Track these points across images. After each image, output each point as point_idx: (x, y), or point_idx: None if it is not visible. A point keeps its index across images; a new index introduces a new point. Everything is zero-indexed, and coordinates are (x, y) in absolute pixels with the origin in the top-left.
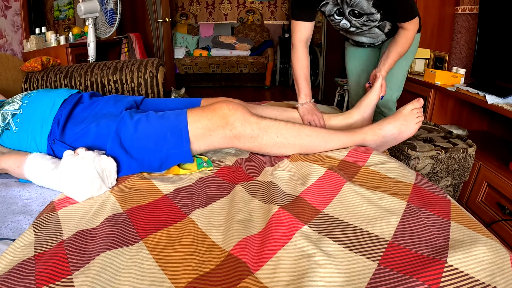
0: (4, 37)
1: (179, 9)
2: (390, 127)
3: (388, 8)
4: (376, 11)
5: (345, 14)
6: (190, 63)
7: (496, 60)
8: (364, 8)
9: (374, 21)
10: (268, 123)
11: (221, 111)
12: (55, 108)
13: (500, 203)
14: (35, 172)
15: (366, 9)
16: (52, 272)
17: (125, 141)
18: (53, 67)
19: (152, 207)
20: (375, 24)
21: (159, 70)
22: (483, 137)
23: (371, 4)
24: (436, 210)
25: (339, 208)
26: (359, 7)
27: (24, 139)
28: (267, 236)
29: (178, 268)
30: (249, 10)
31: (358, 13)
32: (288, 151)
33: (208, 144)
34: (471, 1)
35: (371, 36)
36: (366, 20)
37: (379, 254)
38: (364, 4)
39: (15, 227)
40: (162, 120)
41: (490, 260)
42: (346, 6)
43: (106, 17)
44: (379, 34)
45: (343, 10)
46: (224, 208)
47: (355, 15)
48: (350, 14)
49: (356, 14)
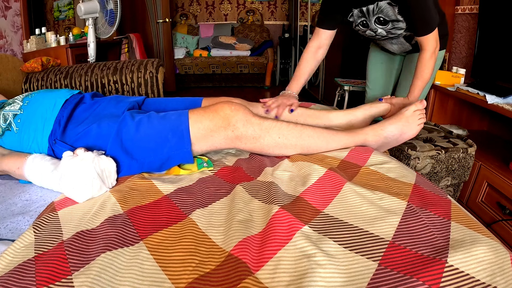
0: (4, 38)
1: (179, 10)
2: (391, 127)
3: (408, 18)
4: (402, 19)
5: (370, 26)
6: (190, 63)
7: (496, 60)
8: (389, 14)
9: (400, 29)
10: (270, 123)
11: (223, 112)
12: (56, 108)
13: (500, 203)
14: (35, 173)
15: (391, 15)
16: (52, 272)
17: (126, 141)
18: (53, 67)
19: (152, 207)
20: (401, 32)
21: (159, 71)
22: (483, 137)
23: (397, 11)
24: (437, 210)
25: (340, 208)
26: (384, 13)
27: (25, 139)
28: (267, 236)
29: (178, 268)
30: (249, 10)
31: (384, 20)
32: (289, 151)
33: (209, 145)
34: (471, 1)
35: (397, 45)
36: (391, 27)
37: (380, 254)
38: (390, 10)
39: (14, 228)
40: (163, 121)
41: (491, 260)
42: (372, 15)
43: (106, 17)
44: (405, 44)
45: (367, 22)
46: (225, 208)
47: (380, 22)
48: (376, 22)
49: (382, 22)
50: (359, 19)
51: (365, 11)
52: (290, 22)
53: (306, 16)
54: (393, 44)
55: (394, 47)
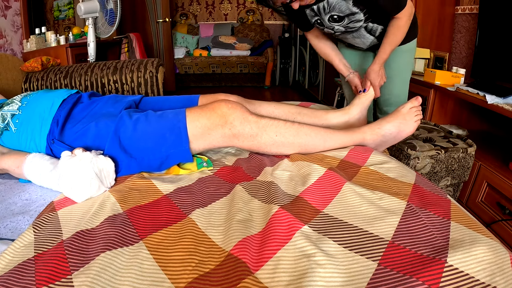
0: (4, 37)
1: (179, 9)
2: (389, 126)
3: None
4: (358, 10)
5: (324, 24)
6: (190, 63)
7: (496, 60)
8: (343, 9)
9: (358, 21)
10: (267, 122)
11: (220, 110)
12: (54, 108)
13: (500, 203)
14: (34, 172)
15: (345, 10)
16: (52, 272)
17: (124, 140)
18: (53, 67)
19: (152, 207)
20: (360, 24)
21: (159, 70)
22: (483, 137)
23: (351, 3)
24: (436, 210)
25: (339, 208)
26: (337, 10)
27: (23, 140)
28: (267, 236)
29: (178, 268)
30: (249, 10)
31: (338, 17)
32: (287, 150)
33: (207, 143)
34: (471, 1)
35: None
36: (348, 22)
37: (379, 254)
38: (343, 5)
39: (14, 227)
40: (161, 120)
41: (490, 260)
42: (323, 14)
43: (106, 17)
44: (369, 38)
45: (321, 21)
46: (224, 208)
47: (335, 20)
48: (330, 20)
49: (336, 19)
50: (313, 19)
51: (316, 10)
52: (290, 22)
53: None
54: (355, 38)
55: (357, 41)
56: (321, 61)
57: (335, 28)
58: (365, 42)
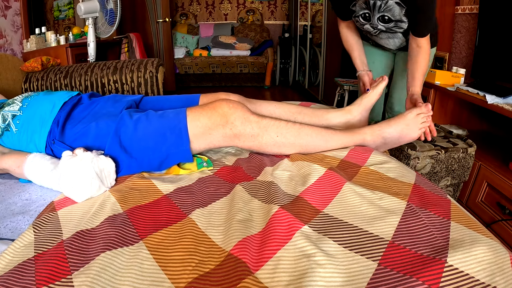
0: (4, 37)
1: (179, 9)
2: (390, 129)
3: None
4: (406, 20)
5: (371, 20)
6: (190, 63)
7: (496, 60)
8: (395, 14)
9: (401, 28)
10: (268, 122)
11: (221, 110)
12: (55, 110)
13: (500, 203)
14: (35, 172)
15: (397, 15)
16: (52, 272)
17: (124, 140)
18: (53, 67)
19: (152, 207)
20: (401, 31)
21: (159, 70)
22: (483, 137)
23: (403, 12)
24: (436, 210)
25: (339, 208)
26: (390, 13)
27: (23, 140)
28: (267, 236)
29: (178, 268)
30: (249, 10)
31: (388, 19)
32: (288, 150)
33: (208, 143)
34: (471, 1)
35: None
36: (393, 26)
37: (379, 254)
38: (397, 11)
39: (14, 227)
40: (161, 119)
41: (490, 260)
42: (376, 11)
43: (106, 17)
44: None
45: (370, 16)
46: (224, 208)
47: (384, 21)
48: (379, 20)
49: (386, 20)
50: (361, 10)
51: (371, 4)
52: (290, 22)
53: (306, 15)
54: (390, 39)
55: (390, 41)
56: (321, 61)
57: (378, 26)
58: (397, 43)
